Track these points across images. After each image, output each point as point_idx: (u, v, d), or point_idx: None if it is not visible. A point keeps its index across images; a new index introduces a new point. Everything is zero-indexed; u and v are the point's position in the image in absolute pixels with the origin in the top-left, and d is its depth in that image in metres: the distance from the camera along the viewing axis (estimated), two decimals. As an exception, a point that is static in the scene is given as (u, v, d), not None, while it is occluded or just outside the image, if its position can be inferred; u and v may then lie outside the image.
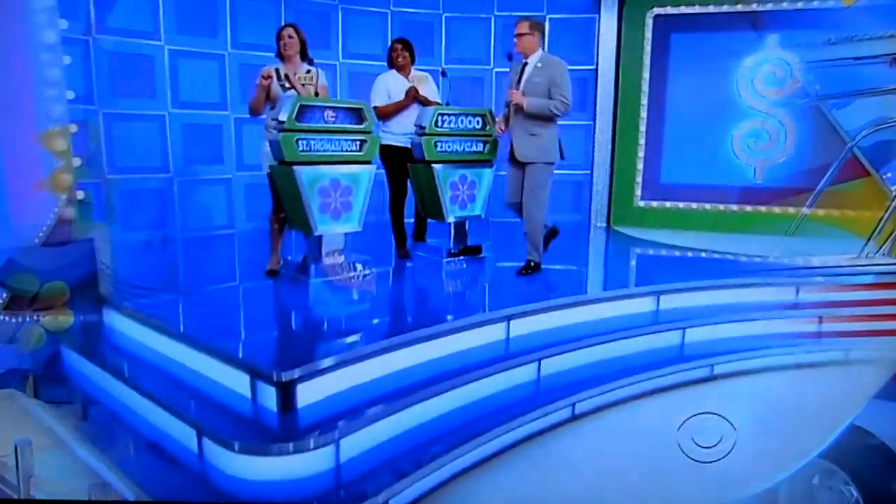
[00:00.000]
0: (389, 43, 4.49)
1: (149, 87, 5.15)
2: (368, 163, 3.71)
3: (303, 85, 3.57)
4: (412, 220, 4.55)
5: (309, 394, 2.43)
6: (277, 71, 3.59)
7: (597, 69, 6.36)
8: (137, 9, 5.00)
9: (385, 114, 4.11)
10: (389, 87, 4.22)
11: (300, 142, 3.40)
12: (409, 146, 4.11)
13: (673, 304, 3.80)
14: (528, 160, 3.70)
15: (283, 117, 3.34)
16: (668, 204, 6.29)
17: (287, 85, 3.55)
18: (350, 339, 2.85)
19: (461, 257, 4.23)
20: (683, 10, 6.04)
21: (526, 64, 3.69)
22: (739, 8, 5.88)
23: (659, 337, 3.53)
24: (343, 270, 3.73)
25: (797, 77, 5.78)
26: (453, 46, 6.55)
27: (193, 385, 2.62)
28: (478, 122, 4.10)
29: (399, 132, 4.18)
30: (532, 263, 3.91)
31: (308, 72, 3.66)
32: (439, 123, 3.95)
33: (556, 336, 3.28)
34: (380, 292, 3.65)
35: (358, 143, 3.64)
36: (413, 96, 4.14)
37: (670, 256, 5.11)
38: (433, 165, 3.95)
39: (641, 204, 6.39)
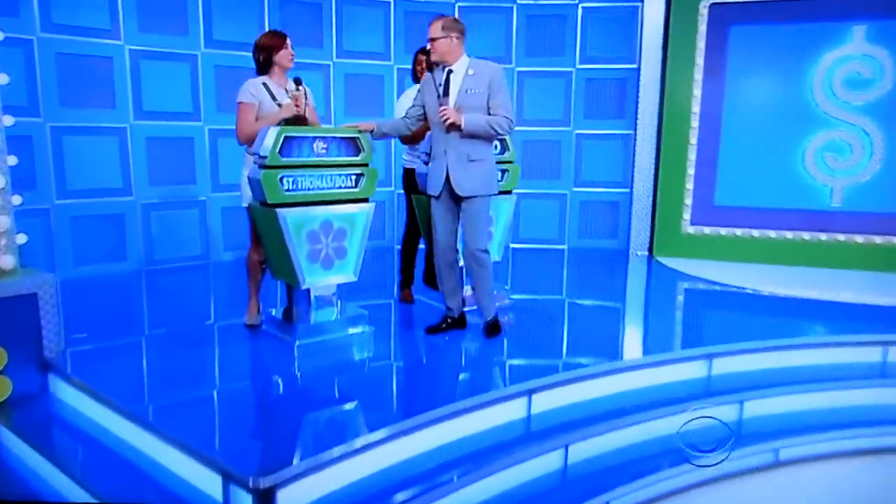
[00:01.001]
0: (413, 55, 4.51)
1: (106, 94, 5.18)
2: (366, 201, 3.70)
3: (296, 105, 3.57)
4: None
5: (292, 501, 2.42)
6: (266, 86, 3.60)
7: (639, 68, 6.37)
8: (92, 2, 5.03)
9: (412, 135, 4.11)
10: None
11: (285, 179, 3.39)
12: None
13: (729, 368, 3.78)
14: (470, 193, 3.56)
15: (264, 151, 3.33)
16: (722, 231, 6.26)
17: (283, 104, 3.55)
18: (343, 426, 2.83)
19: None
20: (745, -3, 5.98)
21: (451, 72, 3.55)
22: (816, -7, 5.78)
23: (711, 413, 3.49)
24: (335, 328, 3.73)
25: (888, 78, 5.71)
26: (471, 42, 6.52)
27: (156, 481, 2.62)
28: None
29: (425, 156, 4.19)
30: (491, 323, 3.84)
31: (297, 89, 3.65)
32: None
33: (585, 412, 3.26)
34: (377, 359, 3.63)
35: (353, 178, 3.63)
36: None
37: (725, 298, 5.08)
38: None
39: (690, 230, 6.36)
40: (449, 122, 3.49)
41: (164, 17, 5.37)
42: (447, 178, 3.59)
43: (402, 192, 4.45)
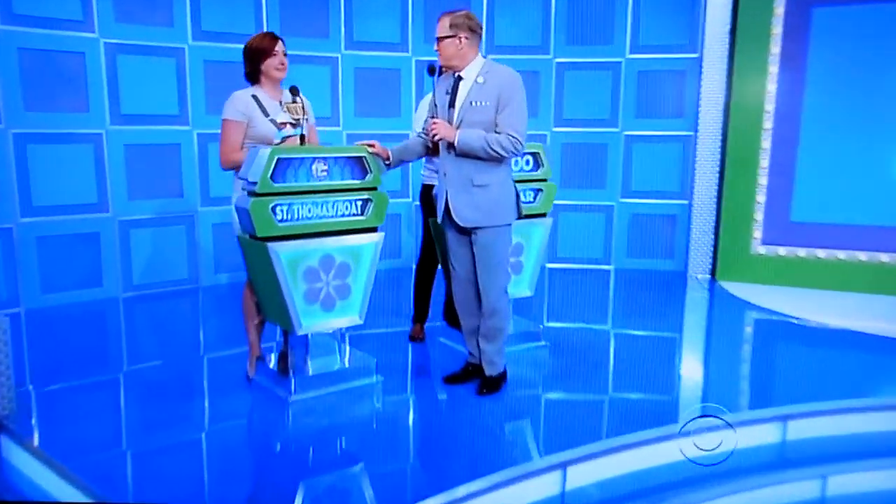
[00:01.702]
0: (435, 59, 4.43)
1: (78, 95, 5.19)
2: (374, 230, 3.63)
3: (296, 120, 3.49)
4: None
5: None
6: (256, 99, 3.54)
7: (701, 58, 6.28)
8: (60, -12, 5.05)
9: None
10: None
11: (278, 209, 3.31)
12: None
13: (809, 433, 3.61)
14: (473, 224, 3.49)
15: (254, 176, 3.26)
16: (801, 252, 6.12)
17: (280, 120, 3.47)
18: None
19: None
20: (832, -27, 5.85)
21: (460, 79, 3.47)
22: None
23: (786, 489, 3.32)
24: (337, 380, 3.66)
25: None
26: (502, 30, 6.50)
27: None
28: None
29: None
30: (492, 378, 3.72)
31: (294, 101, 3.57)
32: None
33: (630, 487, 3.16)
34: (385, 419, 3.56)
35: (359, 204, 3.56)
36: None
37: (804, 336, 4.93)
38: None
39: (761, 250, 6.24)
40: (437, 137, 3.41)
41: (144, 5, 5.36)
42: (447, 204, 3.51)
43: (419, 204, 4.48)
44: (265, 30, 5.70)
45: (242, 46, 3.60)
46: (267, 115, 3.51)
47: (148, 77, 5.40)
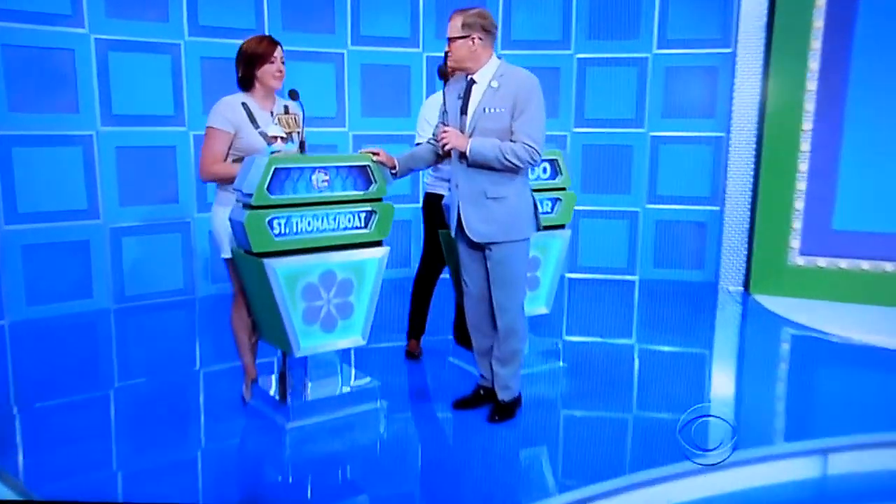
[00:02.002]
0: (444, 54, 4.40)
1: (67, 95, 5.18)
2: (379, 244, 3.59)
3: (287, 134, 3.44)
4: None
5: None
6: (246, 107, 3.48)
7: (734, 54, 6.23)
8: (47, -18, 5.06)
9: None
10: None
11: (275, 222, 3.27)
12: None
13: (852, 468, 3.55)
14: (487, 240, 3.44)
15: (249, 188, 3.21)
16: (843, 263, 6.05)
17: (271, 133, 3.41)
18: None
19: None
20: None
21: (473, 83, 3.41)
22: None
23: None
24: (337, 406, 3.62)
25: None
26: (519, 23, 6.47)
27: None
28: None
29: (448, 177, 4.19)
30: (505, 403, 3.67)
31: (286, 111, 3.53)
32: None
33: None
34: (387, 448, 3.52)
35: (363, 216, 3.52)
36: None
37: (847, 357, 4.85)
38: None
39: (800, 261, 6.18)
40: (448, 147, 3.37)
41: (138, -1, 5.39)
42: (459, 217, 3.47)
43: (421, 214, 4.48)
44: (266, 24, 5.78)
45: (241, 43, 3.54)
46: (256, 126, 3.45)
47: (141, 75, 5.39)
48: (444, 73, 4.26)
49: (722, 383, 4.57)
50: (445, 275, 4.40)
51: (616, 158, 6.63)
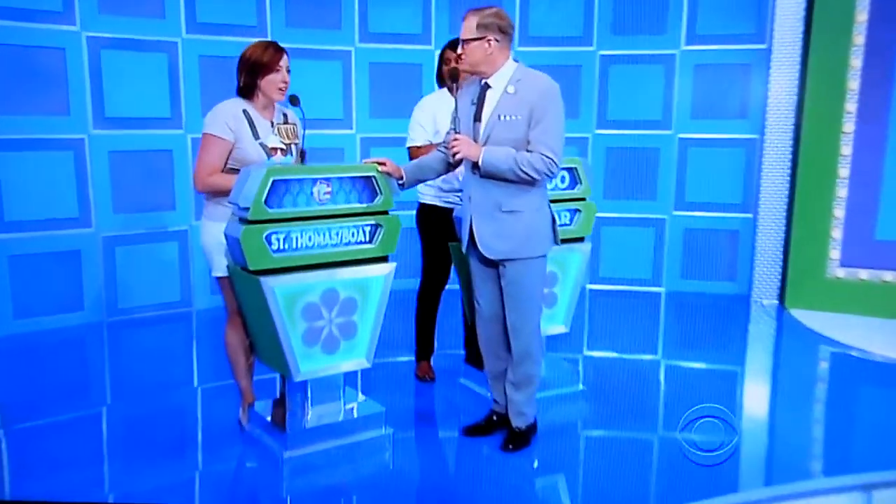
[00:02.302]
0: (440, 51, 4.40)
1: (57, 96, 5.18)
2: (385, 260, 3.54)
3: (286, 145, 3.41)
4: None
5: None
6: (247, 115, 3.45)
7: (770, 49, 6.21)
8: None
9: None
10: (437, 116, 4.20)
11: (274, 237, 3.21)
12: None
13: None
14: (502, 256, 3.40)
15: (245, 200, 3.16)
16: (887, 276, 6.03)
17: (271, 145, 3.38)
18: None
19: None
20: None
21: (488, 87, 3.37)
22: None
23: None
24: (339, 433, 3.55)
25: None
26: (538, 18, 6.44)
27: None
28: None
29: (448, 188, 4.23)
30: (519, 430, 3.62)
31: (285, 120, 3.50)
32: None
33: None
34: (393, 479, 3.47)
35: (368, 230, 3.46)
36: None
37: (892, 380, 4.77)
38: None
39: (839, 273, 6.14)
40: (459, 156, 3.32)
41: (132, -6, 5.40)
42: (472, 232, 3.43)
43: (416, 226, 4.52)
44: (269, 20, 5.75)
45: (244, 50, 3.50)
46: (257, 136, 3.42)
47: (136, 75, 5.39)
48: (443, 77, 4.28)
49: (754, 407, 4.51)
50: (452, 285, 4.36)
51: (641, 162, 6.60)
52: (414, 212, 4.42)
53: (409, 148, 4.27)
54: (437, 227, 4.24)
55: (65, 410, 4.03)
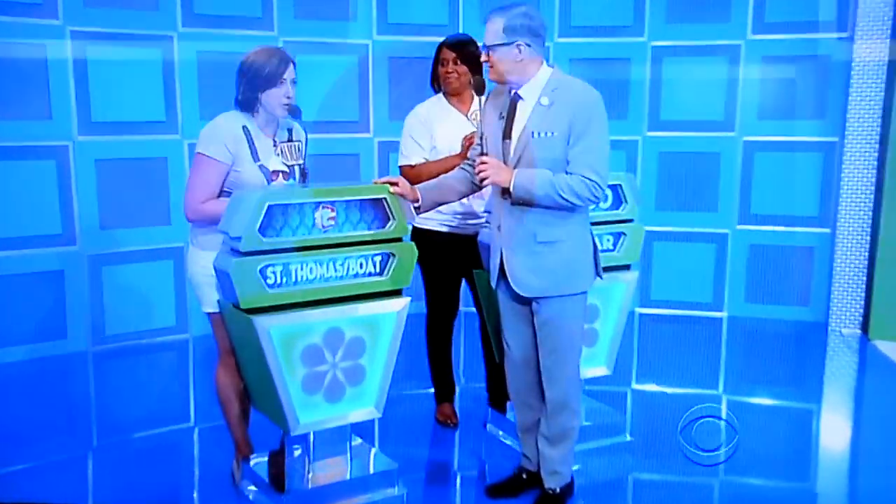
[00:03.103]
0: (435, 53, 4.39)
1: (38, 99, 5.20)
2: (398, 293, 3.48)
3: (289, 166, 3.41)
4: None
5: None
6: (247, 133, 3.40)
7: (851, 39, 6.18)
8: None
9: (425, 176, 3.95)
10: (434, 128, 4.19)
11: (269, 271, 3.17)
12: (464, 232, 4.17)
13: None
14: (537, 294, 3.34)
15: (237, 230, 3.11)
16: None
17: (273, 168, 3.37)
18: None
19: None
20: None
21: (519, 99, 3.30)
22: None
23: None
24: (346, 493, 3.48)
25: None
26: (581, 5, 6.43)
27: None
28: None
29: (448, 209, 4.11)
30: (553, 493, 3.53)
31: (290, 137, 3.48)
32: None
33: None
34: None
35: (377, 260, 3.40)
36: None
37: None
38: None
39: None
40: (487, 182, 3.24)
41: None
42: (502, 265, 3.36)
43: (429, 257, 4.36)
44: (275, 10, 5.73)
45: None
46: (257, 158, 3.37)
47: (126, 74, 5.43)
48: (438, 81, 4.28)
49: (832, 452, 4.49)
50: (467, 307, 4.33)
51: (700, 169, 6.59)
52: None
53: (401, 167, 4.16)
54: (435, 255, 4.16)
55: (41, 455, 4.02)
